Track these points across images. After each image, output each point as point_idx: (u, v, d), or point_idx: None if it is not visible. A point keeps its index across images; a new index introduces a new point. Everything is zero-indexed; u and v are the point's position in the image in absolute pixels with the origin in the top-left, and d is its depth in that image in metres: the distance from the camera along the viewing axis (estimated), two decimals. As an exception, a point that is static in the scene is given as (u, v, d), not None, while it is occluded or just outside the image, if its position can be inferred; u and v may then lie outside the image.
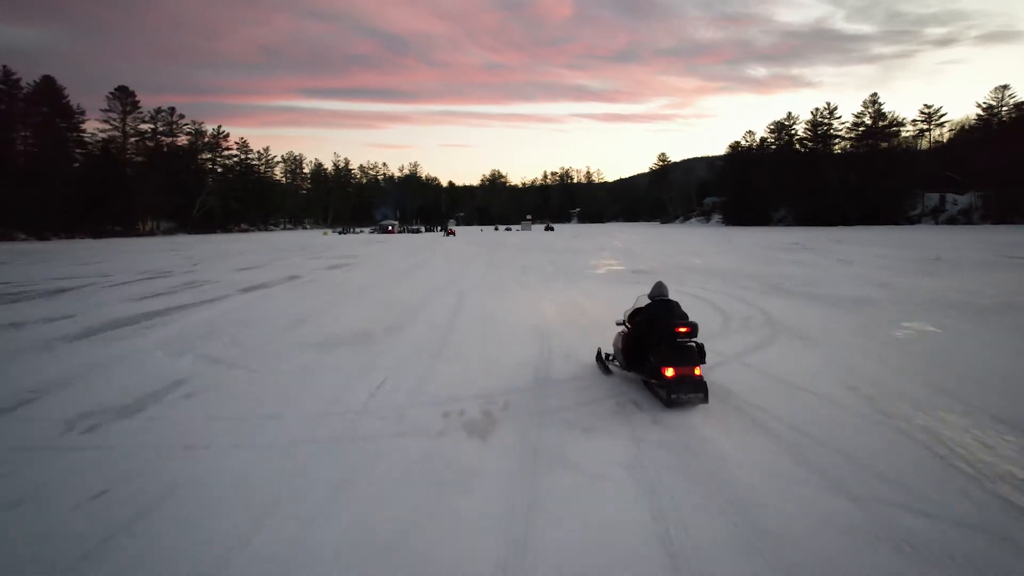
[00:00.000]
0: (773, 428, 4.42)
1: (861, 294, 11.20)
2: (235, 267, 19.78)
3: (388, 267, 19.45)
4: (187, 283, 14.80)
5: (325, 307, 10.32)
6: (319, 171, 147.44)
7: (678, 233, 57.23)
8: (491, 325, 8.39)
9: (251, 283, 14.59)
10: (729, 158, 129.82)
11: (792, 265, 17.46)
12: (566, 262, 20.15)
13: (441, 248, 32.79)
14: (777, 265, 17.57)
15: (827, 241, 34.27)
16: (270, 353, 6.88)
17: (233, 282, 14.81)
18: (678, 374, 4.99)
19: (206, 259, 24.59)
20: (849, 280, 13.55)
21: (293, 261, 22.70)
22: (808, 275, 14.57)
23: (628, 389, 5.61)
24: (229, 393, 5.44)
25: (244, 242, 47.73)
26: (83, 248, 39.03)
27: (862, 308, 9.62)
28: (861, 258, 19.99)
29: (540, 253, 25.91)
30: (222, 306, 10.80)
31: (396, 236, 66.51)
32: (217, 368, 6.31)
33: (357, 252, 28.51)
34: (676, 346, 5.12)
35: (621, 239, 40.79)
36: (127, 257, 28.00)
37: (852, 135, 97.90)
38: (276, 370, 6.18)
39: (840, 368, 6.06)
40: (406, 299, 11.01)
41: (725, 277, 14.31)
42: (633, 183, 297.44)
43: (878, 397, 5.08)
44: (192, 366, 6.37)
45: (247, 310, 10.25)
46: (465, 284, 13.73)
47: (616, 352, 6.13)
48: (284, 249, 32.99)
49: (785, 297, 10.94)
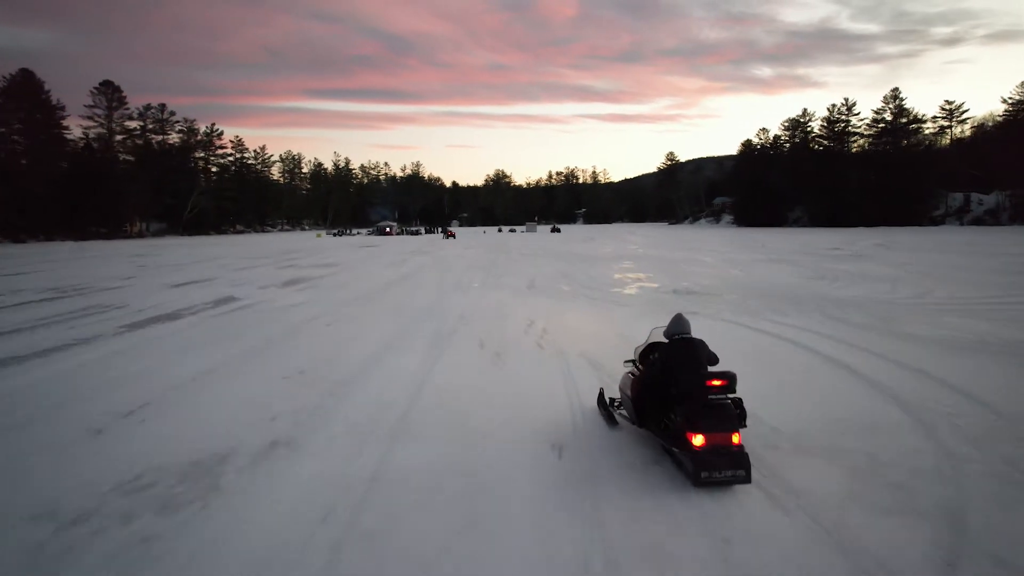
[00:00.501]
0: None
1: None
2: (171, 282, 16.11)
3: (362, 282, 15.74)
4: (84, 309, 11.13)
5: (197, 376, 6.32)
6: (319, 171, 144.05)
7: (694, 235, 53.10)
8: (475, 435, 4.54)
9: (159, 311, 10.92)
10: (741, 157, 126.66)
11: (867, 282, 13.67)
12: (583, 275, 16.42)
13: (436, 253, 29.08)
14: (849, 283, 13.78)
15: (869, 245, 30.44)
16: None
17: (139, 309, 11.13)
18: (710, 443, 3.62)
19: (157, 269, 20.96)
20: (997, 311, 9.77)
21: (251, 274, 19.04)
22: (910, 298, 10.83)
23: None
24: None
25: (226, 246, 44.16)
26: (40, 252, 35.39)
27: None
28: (939, 270, 16.18)
29: (549, 261, 22.17)
30: (52, 366, 7.13)
31: (393, 238, 62.91)
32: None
33: (339, 259, 24.83)
34: (707, 404, 3.77)
35: (636, 243, 37.00)
36: (75, 265, 24.42)
37: (871, 132, 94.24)
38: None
39: None
40: (349, 354, 7.18)
41: (803, 303, 10.54)
42: (639, 183, 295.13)
43: None
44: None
45: (67, 380, 6.54)
46: (450, 315, 9.99)
47: (624, 399, 4.71)
48: (260, 255, 29.35)
49: (943, 349, 7.16)
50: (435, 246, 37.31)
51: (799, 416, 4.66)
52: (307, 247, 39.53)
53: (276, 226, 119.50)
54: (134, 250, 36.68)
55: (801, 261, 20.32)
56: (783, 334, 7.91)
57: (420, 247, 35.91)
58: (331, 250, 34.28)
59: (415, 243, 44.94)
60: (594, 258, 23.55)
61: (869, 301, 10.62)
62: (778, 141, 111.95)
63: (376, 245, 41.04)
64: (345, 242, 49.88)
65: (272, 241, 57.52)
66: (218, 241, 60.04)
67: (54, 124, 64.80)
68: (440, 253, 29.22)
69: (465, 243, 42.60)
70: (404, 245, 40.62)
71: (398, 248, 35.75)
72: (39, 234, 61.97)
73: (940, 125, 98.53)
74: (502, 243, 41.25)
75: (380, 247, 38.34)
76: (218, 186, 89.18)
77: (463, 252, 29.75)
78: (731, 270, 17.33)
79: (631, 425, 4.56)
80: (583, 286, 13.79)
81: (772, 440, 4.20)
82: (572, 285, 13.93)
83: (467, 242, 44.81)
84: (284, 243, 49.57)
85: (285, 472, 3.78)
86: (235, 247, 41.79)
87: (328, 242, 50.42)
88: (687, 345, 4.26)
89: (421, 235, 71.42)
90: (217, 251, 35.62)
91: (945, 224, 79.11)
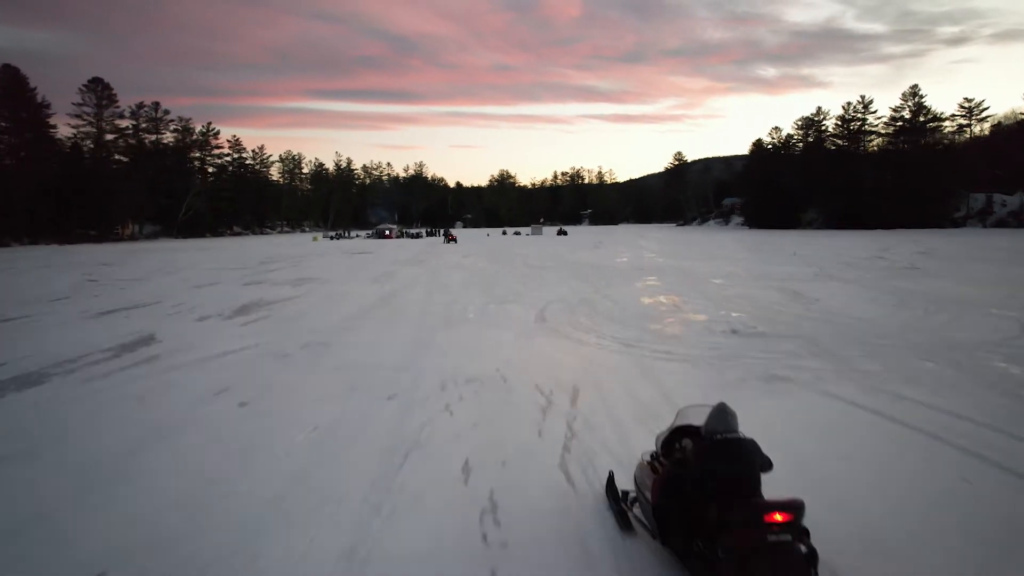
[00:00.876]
0: None
1: None
2: (101, 308, 13.13)
3: (331, 309, 12.73)
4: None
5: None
6: (320, 171, 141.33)
7: (708, 239, 49.43)
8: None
9: (35, 364, 7.95)
10: (752, 156, 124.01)
11: (973, 312, 10.56)
12: (605, 300, 13.33)
13: (432, 263, 26.05)
14: (948, 314, 10.65)
15: (911, 253, 27.31)
16: None
17: (13, 359, 8.15)
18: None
19: (104, 286, 18.02)
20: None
21: (206, 294, 16.10)
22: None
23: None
24: None
25: (212, 251, 41.29)
26: (2, 258, 32.44)
27: None
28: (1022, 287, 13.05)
29: (560, 276, 19.11)
30: None
31: (392, 242, 59.98)
32: None
33: (321, 271, 21.83)
34: (764, 546, 2.60)
35: (651, 249, 33.83)
36: (17, 278, 21.56)
37: (888, 131, 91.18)
38: None
39: None
40: (222, 516, 4.26)
41: (927, 356, 7.45)
42: (644, 183, 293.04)
43: None
44: None
45: None
46: (425, 382, 6.84)
47: (641, 502, 3.39)
48: (237, 265, 26.43)
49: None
50: (433, 253, 34.31)
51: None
52: (295, 253, 36.61)
53: (275, 228, 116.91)
54: (105, 257, 33.77)
55: (855, 277, 17.19)
56: (968, 444, 4.81)
57: (416, 254, 32.91)
58: (318, 258, 31.34)
59: (413, 248, 41.95)
60: (611, 271, 20.47)
61: (1014, 348, 7.52)
62: (790, 140, 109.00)
63: (370, 251, 38.07)
64: (339, 247, 46.92)
65: (263, 245, 54.71)
66: (208, 245, 57.35)
67: (40, 123, 62.18)
68: (436, 262, 26.20)
69: (466, 248, 39.61)
70: (400, 251, 37.65)
71: (392, 255, 32.77)
72: (23, 237, 59.35)
73: (959, 124, 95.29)
74: (506, 249, 38.23)
75: (374, 253, 35.35)
76: (214, 187, 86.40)
77: (461, 261, 26.72)
78: (782, 293, 14.24)
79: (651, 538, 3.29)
80: (609, 318, 10.74)
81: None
82: (594, 317, 10.89)
83: (468, 247, 41.83)
84: (274, 248, 46.72)
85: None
86: (220, 252, 38.96)
87: (321, 247, 47.51)
88: (735, 450, 3.04)
89: (422, 238, 68.40)
90: (196, 258, 32.75)
91: (967, 226, 76.56)
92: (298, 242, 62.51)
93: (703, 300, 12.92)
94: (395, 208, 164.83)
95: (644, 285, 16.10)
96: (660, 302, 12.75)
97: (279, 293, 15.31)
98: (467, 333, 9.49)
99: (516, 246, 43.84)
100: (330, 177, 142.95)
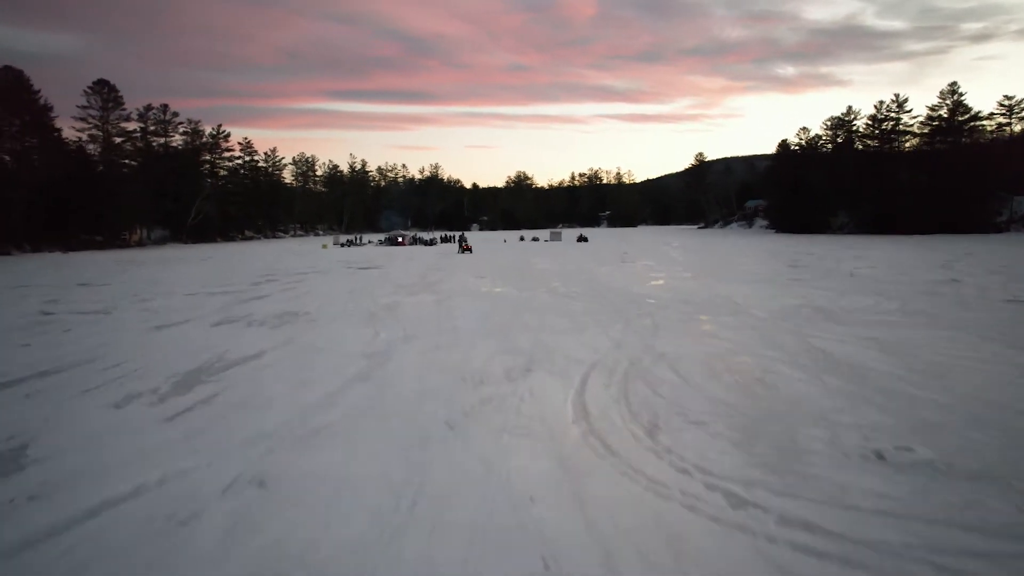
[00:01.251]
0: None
1: None
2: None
3: (297, 391, 9.73)
4: None
5: None
6: (334, 173, 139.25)
7: (739, 248, 45.27)
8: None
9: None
10: (778, 157, 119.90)
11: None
12: (667, 366, 10.19)
13: (443, 286, 23.01)
14: None
15: (984, 272, 23.81)
16: None
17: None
18: None
19: (47, 322, 15.24)
20: None
21: (162, 341, 13.26)
22: None
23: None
24: None
25: (210, 261, 38.74)
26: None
27: None
28: None
29: (594, 312, 15.95)
30: None
31: (404, 250, 57.23)
32: None
33: (310, 304, 18.88)
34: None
35: (686, 263, 30.42)
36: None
37: (924, 131, 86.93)
38: None
39: None
40: None
41: None
42: (661, 184, 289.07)
43: None
44: None
45: None
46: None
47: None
48: (226, 286, 23.67)
49: None
50: (446, 270, 31.26)
51: None
52: (299, 266, 33.86)
53: (288, 231, 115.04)
54: (94, 270, 31.19)
55: (955, 317, 13.79)
56: None
57: (427, 271, 29.87)
58: (320, 276, 28.50)
59: (425, 261, 38.96)
60: (651, 304, 17.24)
61: None
62: (818, 141, 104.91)
63: (378, 266, 35.16)
64: (348, 257, 44.11)
65: (269, 253, 52.20)
66: (212, 252, 55.12)
67: (43, 126, 60.36)
68: (448, 286, 23.15)
69: (482, 262, 36.56)
70: (410, 266, 34.69)
71: (400, 273, 29.78)
72: (24, 244, 57.52)
73: (998, 123, 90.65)
74: (525, 264, 35.09)
75: (382, 269, 32.43)
76: (225, 190, 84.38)
77: (477, 285, 23.66)
78: (888, 353, 10.97)
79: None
80: (682, 413, 7.58)
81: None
82: (657, 409, 7.76)
83: (485, 260, 38.78)
84: (279, 257, 44.13)
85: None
86: (219, 264, 36.43)
87: (329, 257, 44.77)
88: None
89: (436, 245, 65.51)
90: (188, 273, 30.12)
91: (1010, 231, 72.93)
92: (307, 249, 59.99)
93: (794, 369, 9.65)
94: (410, 211, 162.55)
95: (700, 333, 12.87)
96: (736, 372, 9.52)
97: (248, 344, 12.34)
98: (477, 454, 6.40)
99: (536, 256, 40.68)
100: (344, 179, 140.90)
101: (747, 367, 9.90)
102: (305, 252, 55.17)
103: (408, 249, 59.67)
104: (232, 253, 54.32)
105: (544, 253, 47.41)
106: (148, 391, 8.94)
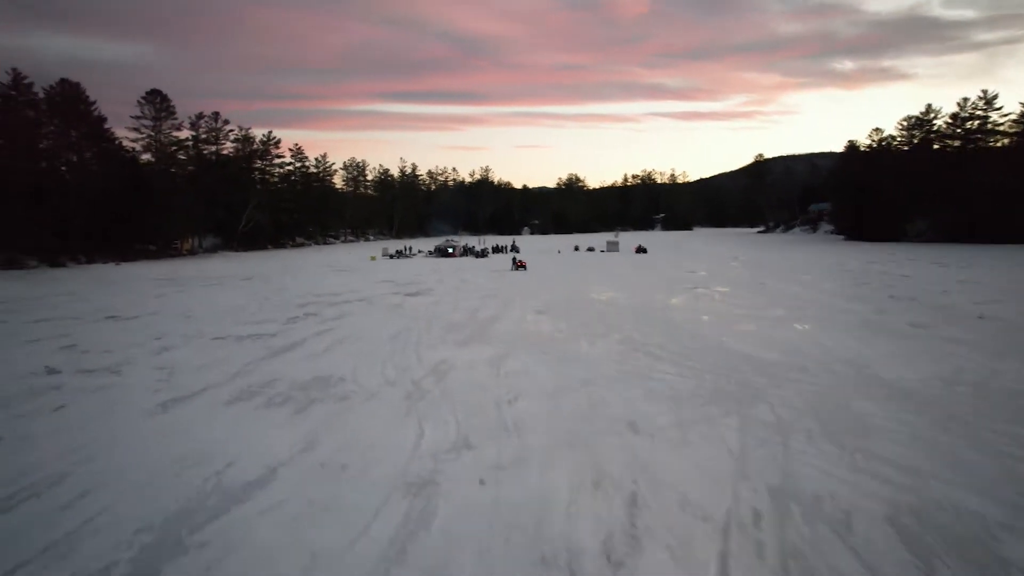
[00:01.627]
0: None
1: None
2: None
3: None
4: None
5: None
6: (384, 177, 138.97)
7: (816, 260, 38.27)
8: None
9: None
10: (845, 157, 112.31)
11: None
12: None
13: (498, 327, 19.90)
14: None
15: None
16: None
17: None
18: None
19: (31, 398, 12.92)
20: None
21: (146, 432, 10.67)
22: None
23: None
24: None
25: (254, 280, 36.92)
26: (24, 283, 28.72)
27: None
28: None
29: (694, 393, 12.48)
30: None
31: (455, 264, 54.65)
32: None
33: (340, 364, 16.09)
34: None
35: (773, 296, 25.86)
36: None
37: (1016, 129, 79.12)
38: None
39: None
40: None
41: None
42: (715, 183, 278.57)
43: None
44: None
45: None
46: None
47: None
48: (256, 324, 21.31)
49: None
50: (500, 297, 28.20)
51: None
52: (342, 289, 31.49)
53: (339, 237, 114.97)
54: (138, 289, 29.61)
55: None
56: None
57: (480, 302, 26.89)
58: (362, 308, 25.94)
59: (477, 282, 36.04)
60: (762, 376, 13.62)
61: None
62: (892, 142, 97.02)
63: (427, 290, 32.44)
64: (393, 275, 41.70)
65: (313, 268, 50.56)
66: (257, 267, 53.92)
67: (99, 137, 60.73)
68: (505, 326, 20.05)
69: (539, 288, 33.33)
70: (460, 290, 31.82)
71: (449, 304, 26.92)
72: (79, 256, 57.84)
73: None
74: (585, 290, 31.71)
75: (431, 293, 29.69)
76: (275, 197, 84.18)
77: (537, 324, 20.48)
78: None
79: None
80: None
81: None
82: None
83: (541, 285, 35.53)
84: (321, 276, 42.15)
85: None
86: (257, 288, 34.53)
87: (375, 273, 42.52)
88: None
89: (487, 257, 62.72)
90: (221, 300, 28.10)
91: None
92: (355, 262, 58.32)
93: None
94: (460, 215, 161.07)
95: (855, 448, 9.15)
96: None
97: (259, 450, 9.47)
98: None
99: (596, 276, 37.12)
100: (395, 183, 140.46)
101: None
102: (352, 266, 53.34)
103: (458, 261, 57.10)
104: (277, 268, 52.94)
105: (604, 270, 43.81)
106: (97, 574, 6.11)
